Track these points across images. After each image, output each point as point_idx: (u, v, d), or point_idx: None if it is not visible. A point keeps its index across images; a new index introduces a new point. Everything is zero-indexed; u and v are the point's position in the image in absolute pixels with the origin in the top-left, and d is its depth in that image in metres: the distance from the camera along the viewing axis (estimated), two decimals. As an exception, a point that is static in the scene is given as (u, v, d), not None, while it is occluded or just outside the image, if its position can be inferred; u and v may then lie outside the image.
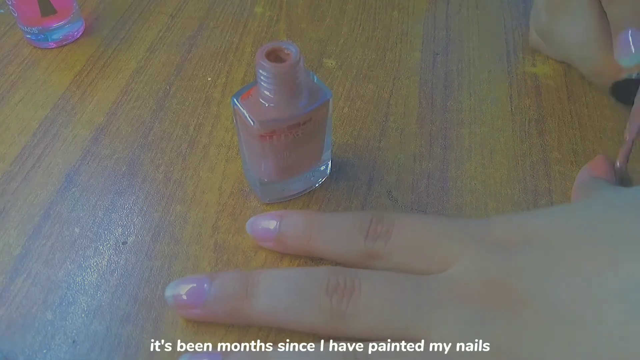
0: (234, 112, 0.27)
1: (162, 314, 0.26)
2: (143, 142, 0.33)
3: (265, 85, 0.25)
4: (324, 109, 0.27)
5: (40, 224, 0.29)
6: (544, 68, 0.37)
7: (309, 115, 0.26)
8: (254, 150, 0.27)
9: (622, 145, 0.28)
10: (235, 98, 0.26)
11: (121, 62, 0.39)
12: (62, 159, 0.33)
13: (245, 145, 0.28)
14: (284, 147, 0.27)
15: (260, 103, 0.26)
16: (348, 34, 0.40)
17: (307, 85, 0.26)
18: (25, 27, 0.38)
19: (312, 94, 0.26)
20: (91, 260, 0.28)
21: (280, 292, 0.24)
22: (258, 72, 0.25)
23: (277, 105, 0.26)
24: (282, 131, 0.26)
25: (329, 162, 0.31)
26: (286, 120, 0.26)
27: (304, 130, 0.27)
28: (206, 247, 0.28)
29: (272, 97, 0.25)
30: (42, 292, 0.27)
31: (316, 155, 0.29)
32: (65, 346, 0.25)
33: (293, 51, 0.25)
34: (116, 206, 0.30)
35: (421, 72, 0.37)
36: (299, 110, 0.26)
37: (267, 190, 0.30)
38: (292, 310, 0.23)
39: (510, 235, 0.23)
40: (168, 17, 0.42)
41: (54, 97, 0.36)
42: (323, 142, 0.29)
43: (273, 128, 0.26)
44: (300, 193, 0.30)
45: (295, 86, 0.25)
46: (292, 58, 0.25)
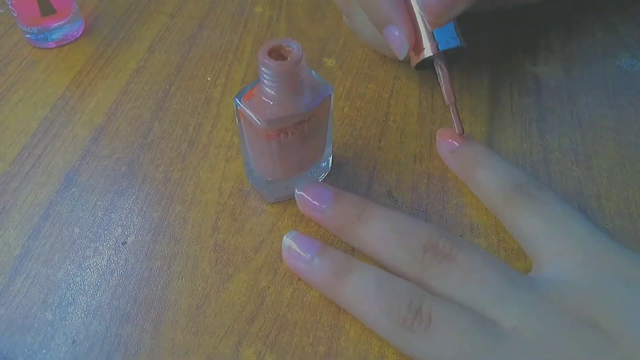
0: (237, 113, 0.27)
1: (161, 314, 0.26)
2: (143, 142, 0.33)
3: (268, 83, 0.25)
4: (327, 104, 0.27)
5: (39, 224, 0.29)
6: (544, 68, 0.37)
7: (313, 111, 0.26)
8: (259, 150, 0.27)
9: (452, 116, 0.30)
10: (237, 99, 0.26)
11: (121, 62, 0.39)
12: (61, 159, 0.33)
13: (250, 145, 0.28)
14: (290, 145, 0.27)
15: (264, 102, 0.26)
16: (348, 34, 0.40)
17: (309, 81, 0.26)
18: (24, 27, 0.38)
19: (315, 90, 0.26)
20: (91, 261, 0.28)
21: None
22: (261, 70, 0.25)
23: (282, 103, 0.25)
24: (288, 129, 0.26)
25: (330, 158, 0.31)
26: (292, 118, 0.26)
27: (309, 126, 0.27)
28: (206, 247, 0.28)
29: (276, 95, 0.25)
30: (41, 292, 0.27)
31: (319, 151, 0.29)
32: (65, 346, 0.25)
33: (295, 48, 0.25)
34: (116, 206, 0.30)
35: (421, 72, 0.37)
36: (304, 107, 0.26)
37: (272, 190, 0.30)
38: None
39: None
40: (168, 17, 0.42)
41: (54, 97, 0.36)
42: (325, 138, 0.29)
43: (280, 126, 0.26)
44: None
45: (299, 83, 0.25)
46: (295, 55, 0.25)
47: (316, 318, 0.26)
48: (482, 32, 0.40)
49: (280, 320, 0.26)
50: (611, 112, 0.34)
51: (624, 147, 0.32)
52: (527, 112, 0.35)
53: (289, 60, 0.24)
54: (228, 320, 0.26)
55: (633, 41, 0.39)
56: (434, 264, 0.24)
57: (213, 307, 0.26)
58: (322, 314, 0.26)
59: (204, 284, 0.27)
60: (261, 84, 0.26)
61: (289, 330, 0.25)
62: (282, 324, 0.26)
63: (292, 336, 0.25)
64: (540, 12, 0.41)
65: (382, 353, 0.25)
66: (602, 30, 0.40)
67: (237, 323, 0.26)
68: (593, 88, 0.36)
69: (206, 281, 0.27)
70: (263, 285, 0.27)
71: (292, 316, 0.26)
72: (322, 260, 0.25)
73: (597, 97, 0.35)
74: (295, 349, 0.25)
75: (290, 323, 0.26)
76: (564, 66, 0.37)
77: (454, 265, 0.24)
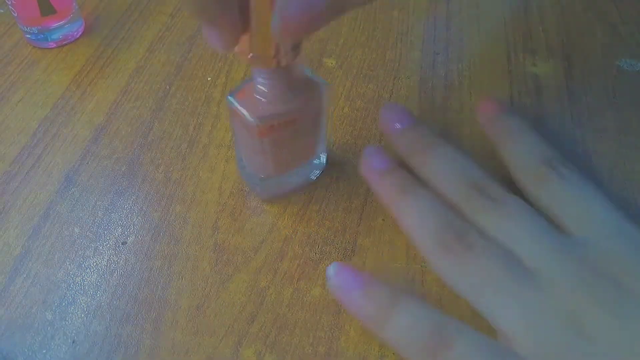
0: (231, 110, 0.27)
1: (161, 314, 0.26)
2: (143, 142, 0.33)
3: (260, 80, 0.25)
4: (320, 100, 0.27)
5: (39, 224, 0.29)
6: (544, 68, 0.37)
7: (306, 109, 0.26)
8: (252, 147, 0.27)
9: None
10: (230, 96, 0.26)
11: (121, 62, 0.39)
12: (61, 159, 0.33)
13: (243, 142, 0.28)
14: (282, 142, 0.27)
15: (257, 99, 0.26)
16: (348, 34, 0.40)
17: (302, 78, 0.26)
18: (25, 27, 0.38)
19: (308, 87, 0.26)
20: (91, 261, 0.28)
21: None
22: (253, 69, 0.25)
23: (274, 100, 0.26)
24: (280, 126, 0.26)
25: (325, 154, 0.31)
26: (284, 115, 0.26)
27: (301, 123, 0.27)
28: (206, 247, 0.28)
29: (269, 93, 0.25)
30: (41, 292, 0.27)
31: (313, 148, 0.29)
32: (65, 346, 0.25)
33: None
34: (116, 206, 0.30)
35: (421, 72, 0.37)
36: (296, 103, 0.26)
37: (265, 187, 0.30)
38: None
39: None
40: (168, 16, 0.42)
41: (54, 97, 0.36)
42: (319, 135, 0.29)
43: (271, 123, 0.26)
44: (298, 187, 0.30)
45: (291, 80, 0.25)
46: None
47: (316, 318, 0.26)
48: (482, 32, 0.40)
49: (280, 320, 0.26)
50: (611, 112, 0.34)
51: (624, 147, 0.32)
52: (528, 112, 0.35)
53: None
54: (228, 320, 0.26)
55: (633, 41, 0.39)
56: (482, 201, 0.26)
57: (213, 307, 0.26)
58: (322, 314, 0.26)
59: (204, 284, 0.27)
60: (254, 82, 0.26)
61: (289, 330, 0.25)
62: (282, 324, 0.26)
63: (292, 336, 0.25)
64: (541, 12, 0.41)
65: (383, 353, 0.25)
66: (602, 31, 0.40)
67: (237, 323, 0.26)
68: (593, 88, 0.36)
69: (206, 281, 0.27)
70: (263, 285, 0.27)
71: (292, 316, 0.26)
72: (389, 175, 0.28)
73: (597, 97, 0.35)
74: (295, 349, 0.25)
75: (290, 323, 0.26)
76: (564, 66, 0.37)
77: (498, 205, 0.26)
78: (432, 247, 0.25)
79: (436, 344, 0.22)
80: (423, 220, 0.26)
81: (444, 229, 0.25)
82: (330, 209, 0.30)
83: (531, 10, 0.41)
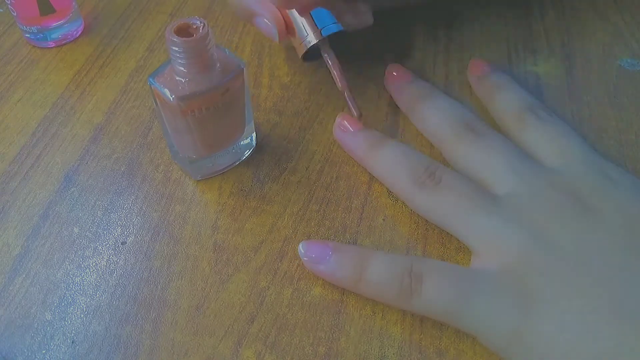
0: (152, 92, 0.28)
1: (161, 314, 0.26)
2: (142, 142, 0.33)
3: (178, 60, 0.26)
4: (239, 79, 0.28)
5: (39, 224, 0.29)
6: (545, 67, 0.37)
7: (225, 86, 0.27)
8: (178, 128, 0.28)
9: (347, 101, 0.32)
10: (151, 78, 0.27)
11: (120, 62, 0.38)
12: (61, 158, 0.33)
13: (169, 124, 0.29)
14: (206, 120, 0.28)
15: (176, 80, 0.27)
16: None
17: (220, 58, 0.28)
18: (24, 26, 0.38)
19: (226, 66, 0.28)
20: (90, 261, 0.28)
21: (400, 156, 0.29)
22: (170, 48, 0.26)
23: (192, 79, 0.27)
24: (201, 103, 0.27)
25: (254, 134, 0.32)
26: (203, 93, 0.27)
27: (223, 101, 0.28)
28: (205, 247, 0.28)
29: (186, 72, 0.26)
30: (41, 293, 0.27)
31: (239, 127, 0.30)
32: (64, 346, 0.25)
33: (200, 25, 0.26)
34: (115, 206, 0.30)
35: (421, 72, 0.37)
36: (214, 81, 0.27)
37: (197, 167, 0.31)
38: (392, 167, 0.29)
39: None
40: (167, 16, 0.42)
41: (53, 96, 0.36)
42: (244, 113, 0.30)
43: (191, 101, 0.27)
44: (229, 166, 0.32)
45: (207, 59, 0.26)
46: (200, 31, 0.26)
47: (316, 318, 0.26)
48: (482, 32, 0.40)
49: (280, 321, 0.26)
50: (612, 111, 0.34)
51: (624, 147, 0.32)
52: (528, 111, 0.35)
53: (195, 37, 0.25)
54: (228, 321, 0.26)
55: (634, 41, 0.39)
56: (468, 135, 0.30)
57: (213, 307, 0.26)
58: (322, 314, 0.26)
59: (204, 284, 0.27)
60: (172, 62, 0.27)
61: (289, 331, 0.25)
62: (282, 325, 0.26)
63: (292, 336, 0.25)
64: (541, 12, 0.41)
65: (383, 353, 0.25)
66: (603, 30, 0.40)
67: (236, 323, 0.26)
68: (594, 88, 0.36)
69: (206, 281, 0.27)
70: (263, 286, 0.27)
71: (292, 316, 0.26)
72: (362, 133, 0.31)
73: (598, 96, 0.35)
74: (295, 349, 0.25)
75: (290, 323, 0.26)
76: (565, 66, 0.37)
77: (481, 138, 0.29)
78: (407, 186, 0.28)
79: (408, 283, 0.24)
80: (397, 165, 0.29)
81: (416, 168, 0.28)
82: (331, 210, 0.30)
83: (532, 10, 0.41)
